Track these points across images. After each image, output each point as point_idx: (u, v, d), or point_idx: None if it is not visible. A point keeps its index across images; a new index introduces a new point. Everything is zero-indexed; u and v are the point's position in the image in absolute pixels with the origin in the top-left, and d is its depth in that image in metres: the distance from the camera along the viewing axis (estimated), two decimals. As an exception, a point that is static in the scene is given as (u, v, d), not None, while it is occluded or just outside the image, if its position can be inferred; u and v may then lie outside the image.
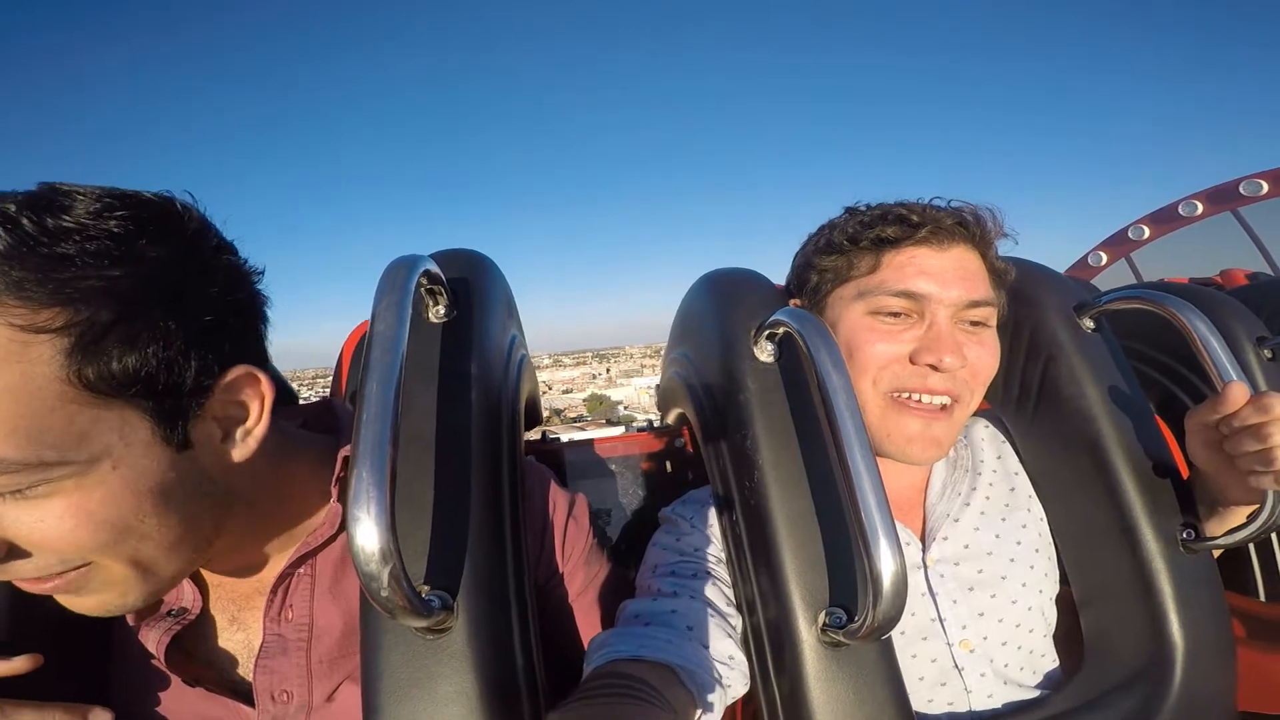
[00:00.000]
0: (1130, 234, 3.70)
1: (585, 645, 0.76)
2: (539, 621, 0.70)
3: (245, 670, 0.70)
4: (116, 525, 0.51)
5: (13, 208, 0.47)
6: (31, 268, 0.46)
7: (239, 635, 0.71)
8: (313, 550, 0.69)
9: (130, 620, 0.69)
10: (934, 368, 0.82)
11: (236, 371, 0.56)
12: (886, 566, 0.58)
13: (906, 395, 0.83)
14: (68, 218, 0.48)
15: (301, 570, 0.70)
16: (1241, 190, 3.24)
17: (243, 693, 0.69)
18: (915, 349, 0.83)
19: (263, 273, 0.64)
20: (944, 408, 0.84)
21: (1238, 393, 0.74)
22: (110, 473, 0.50)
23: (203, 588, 0.71)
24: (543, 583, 0.79)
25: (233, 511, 0.62)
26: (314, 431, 0.76)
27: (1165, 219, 3.58)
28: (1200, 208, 3.43)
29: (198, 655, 0.70)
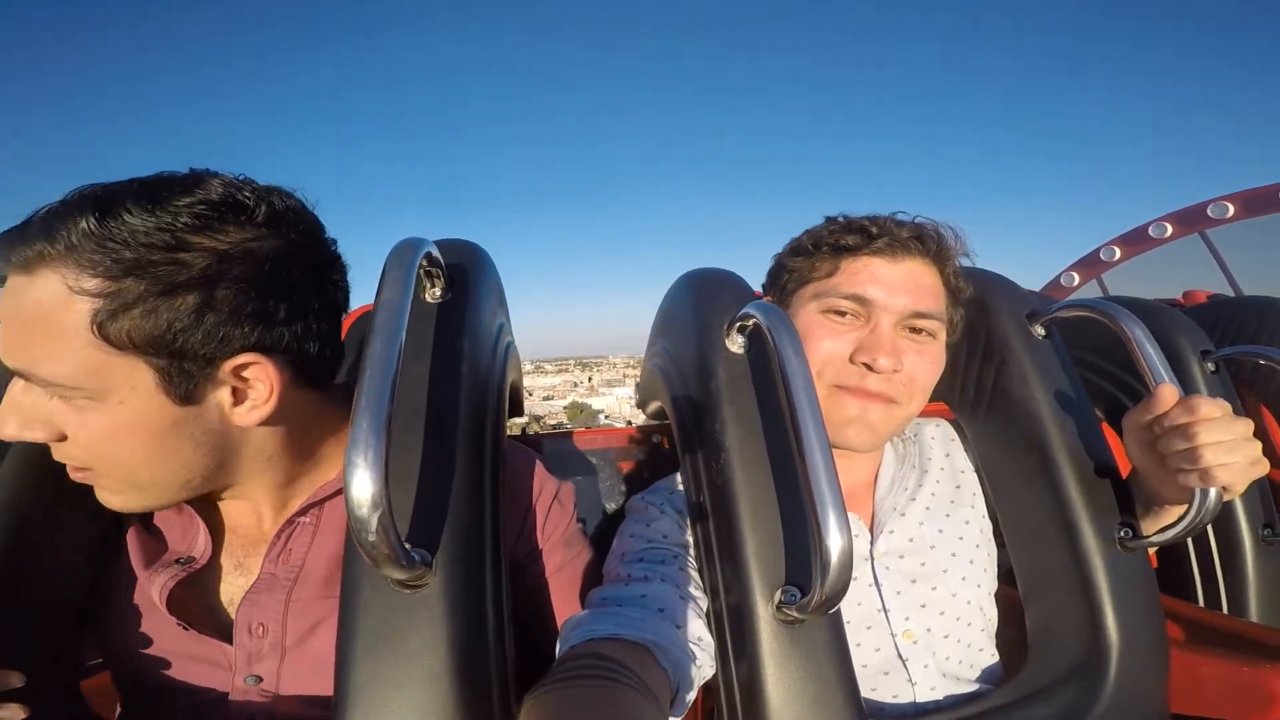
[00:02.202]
0: (1102, 255, 3.77)
1: (557, 625, 0.79)
2: (514, 595, 0.71)
3: (234, 611, 0.73)
4: (112, 448, 0.62)
5: (89, 214, 0.57)
6: (90, 248, 0.56)
7: (240, 580, 0.75)
8: (319, 500, 0.74)
9: (135, 564, 0.72)
10: (869, 367, 0.87)
11: (246, 358, 0.63)
12: (834, 543, 0.61)
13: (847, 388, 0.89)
14: (132, 219, 0.57)
15: (306, 518, 0.74)
16: (1209, 213, 3.32)
17: (229, 634, 0.72)
18: (855, 349, 0.89)
19: (344, 270, 0.75)
20: (883, 396, 0.88)
21: (1167, 394, 0.77)
22: (118, 406, 0.60)
23: (217, 537, 0.75)
24: (521, 557, 0.82)
25: (242, 460, 0.68)
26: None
27: (1136, 240, 3.66)
28: (1170, 229, 3.51)
29: (198, 600, 0.74)
